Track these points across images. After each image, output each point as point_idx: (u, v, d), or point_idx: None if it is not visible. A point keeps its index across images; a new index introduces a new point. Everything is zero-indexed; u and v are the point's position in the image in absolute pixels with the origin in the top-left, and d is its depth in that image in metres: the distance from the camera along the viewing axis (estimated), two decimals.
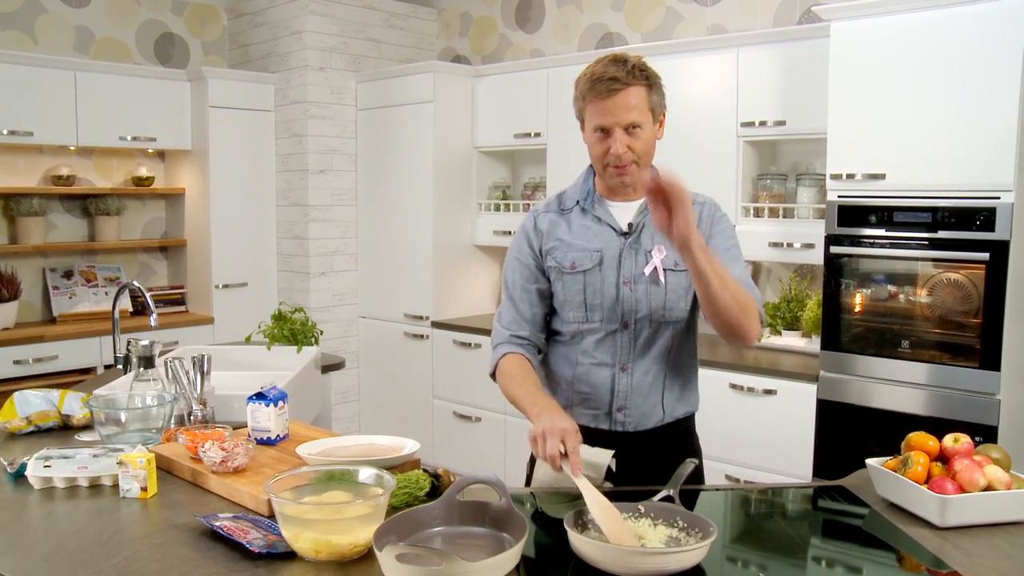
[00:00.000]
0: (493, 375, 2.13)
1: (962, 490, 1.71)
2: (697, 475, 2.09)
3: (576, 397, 2.10)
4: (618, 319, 2.03)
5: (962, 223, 3.10)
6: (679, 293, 2.03)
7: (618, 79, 1.91)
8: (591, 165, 2.13)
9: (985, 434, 3.02)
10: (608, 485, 1.87)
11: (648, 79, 1.96)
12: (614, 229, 2.05)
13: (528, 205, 4.92)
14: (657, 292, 2.02)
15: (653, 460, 2.06)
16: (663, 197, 1.74)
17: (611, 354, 2.05)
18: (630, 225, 2.05)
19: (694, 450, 2.19)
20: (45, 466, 1.93)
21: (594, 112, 1.96)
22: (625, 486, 1.93)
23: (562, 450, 1.72)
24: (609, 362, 2.05)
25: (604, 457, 1.88)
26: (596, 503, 1.61)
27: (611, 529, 1.55)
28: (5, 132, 4.40)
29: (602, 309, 2.04)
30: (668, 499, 1.75)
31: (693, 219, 1.76)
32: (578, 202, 2.11)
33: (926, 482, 1.76)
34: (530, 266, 2.13)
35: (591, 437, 1.93)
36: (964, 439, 1.83)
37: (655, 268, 2.00)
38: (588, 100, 1.97)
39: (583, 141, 2.05)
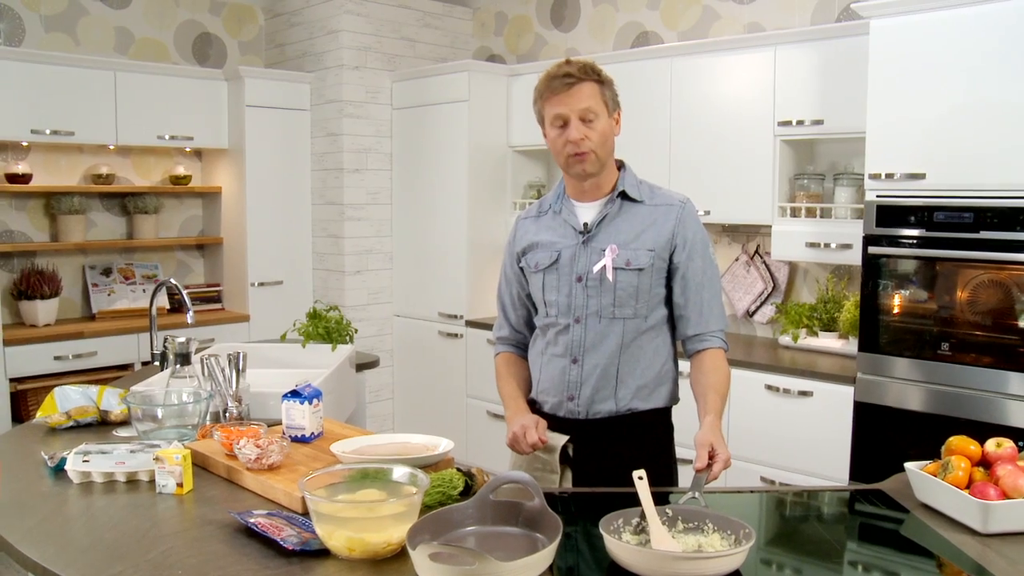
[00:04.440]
0: None
1: (1005, 496, 1.68)
2: (670, 474, 2.20)
3: (541, 385, 2.22)
4: (571, 314, 2.14)
5: (1005, 223, 3.03)
6: (629, 292, 2.11)
7: (572, 75, 2.05)
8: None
9: None
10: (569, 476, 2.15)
11: (600, 77, 2.09)
12: (574, 228, 2.16)
13: None
14: (606, 290, 2.10)
15: (611, 449, 2.13)
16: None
17: (565, 346, 2.16)
18: (585, 225, 2.15)
19: (663, 445, 2.21)
20: (84, 461, 1.96)
21: (551, 106, 2.08)
22: (589, 474, 2.13)
23: (533, 441, 2.05)
24: (563, 354, 2.16)
25: (559, 441, 2.14)
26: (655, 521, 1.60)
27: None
28: (48, 132, 4.48)
29: (557, 305, 2.16)
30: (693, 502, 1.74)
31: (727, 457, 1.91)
32: (551, 205, 2.24)
33: (967, 487, 1.73)
34: (508, 272, 2.33)
35: (551, 422, 2.16)
36: (1007, 444, 1.80)
37: (604, 266, 2.09)
38: (546, 98, 2.09)
39: (547, 146, 2.16)
